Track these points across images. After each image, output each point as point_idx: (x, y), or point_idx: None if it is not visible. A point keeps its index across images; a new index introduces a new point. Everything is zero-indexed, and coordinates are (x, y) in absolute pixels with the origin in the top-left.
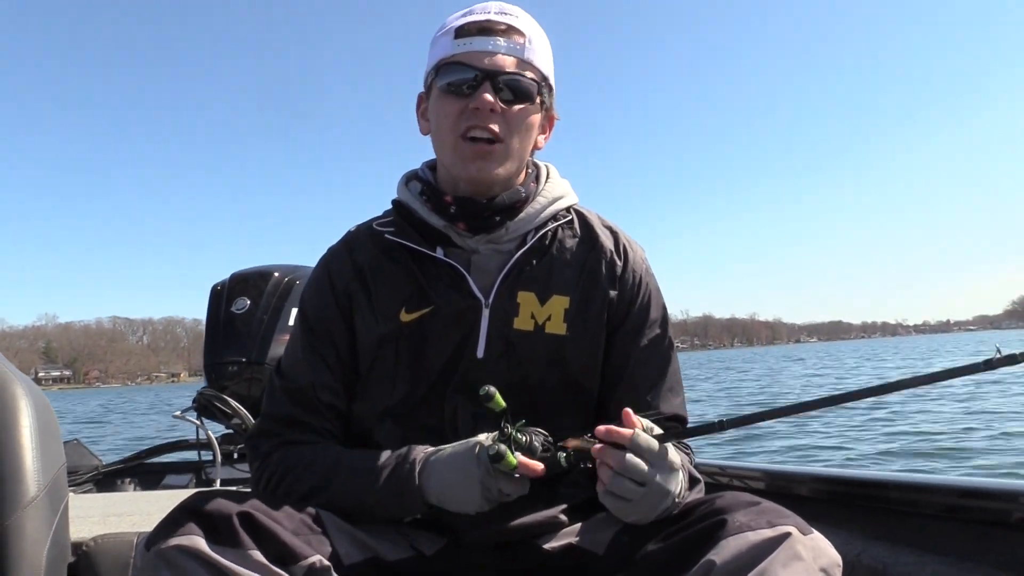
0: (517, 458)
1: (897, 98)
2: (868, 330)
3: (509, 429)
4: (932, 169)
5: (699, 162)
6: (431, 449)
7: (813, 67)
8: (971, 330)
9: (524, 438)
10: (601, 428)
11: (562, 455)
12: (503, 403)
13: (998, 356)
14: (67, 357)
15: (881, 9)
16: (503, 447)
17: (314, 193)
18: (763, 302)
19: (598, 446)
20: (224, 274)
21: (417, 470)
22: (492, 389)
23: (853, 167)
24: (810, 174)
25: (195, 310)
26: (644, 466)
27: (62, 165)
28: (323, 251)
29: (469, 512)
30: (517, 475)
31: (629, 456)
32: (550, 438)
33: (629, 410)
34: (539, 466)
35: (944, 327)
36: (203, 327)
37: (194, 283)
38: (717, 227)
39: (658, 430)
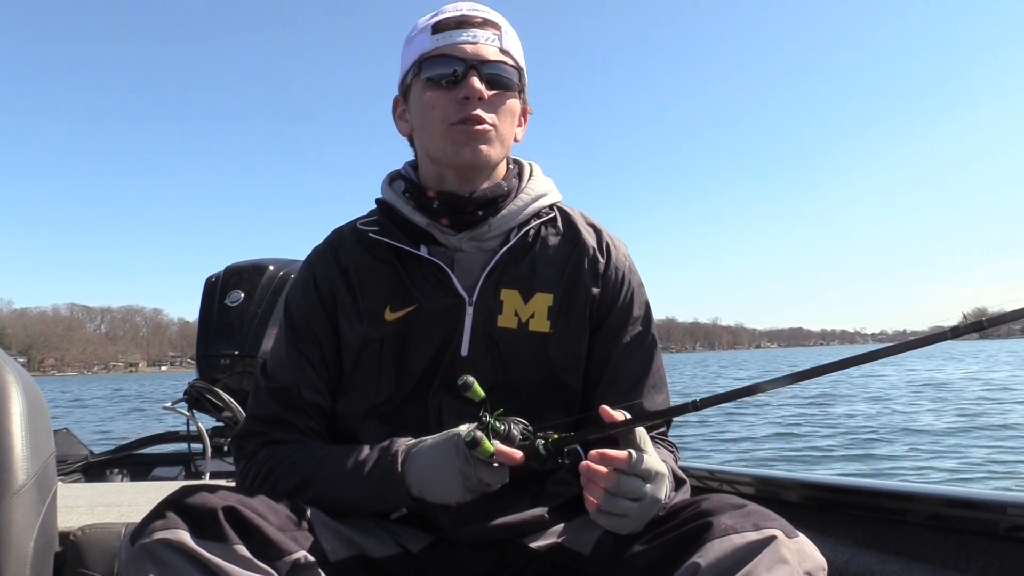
0: (495, 446)
1: (863, 105)
2: (827, 337)
3: (487, 417)
4: (893, 182)
5: (662, 165)
6: (413, 441)
7: (779, 73)
8: None
9: (503, 426)
10: (595, 453)
11: (540, 443)
12: (482, 393)
13: (964, 323)
14: (22, 344)
15: (848, 22)
16: (479, 433)
17: (290, 188)
18: (725, 307)
19: (589, 464)
20: (188, 265)
21: (399, 460)
22: (470, 379)
23: (816, 175)
24: (774, 180)
25: (155, 299)
26: (640, 484)
27: (22, 145)
28: (300, 247)
29: (450, 502)
30: (496, 464)
31: (623, 477)
32: (530, 427)
33: (607, 407)
34: (517, 454)
35: (900, 336)
36: (163, 317)
37: (155, 272)
38: (681, 231)
39: (644, 434)
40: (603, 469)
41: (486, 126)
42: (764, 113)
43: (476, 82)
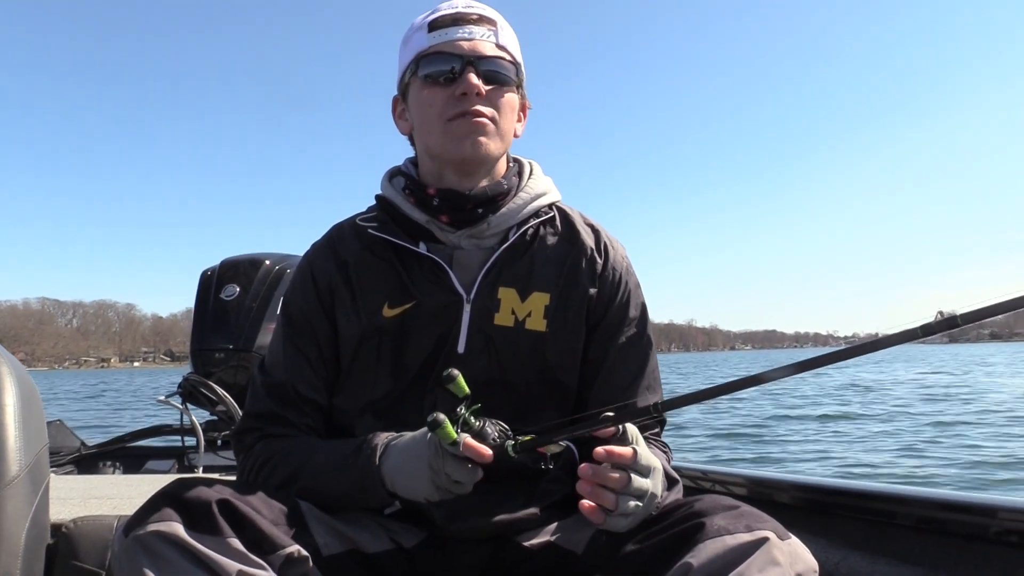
0: (463, 439)
1: (842, 112)
2: (800, 340)
3: (462, 411)
4: (869, 189)
5: (642, 166)
6: (394, 435)
7: (760, 79)
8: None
9: (477, 422)
10: (600, 450)
11: (510, 443)
12: (466, 388)
13: (938, 319)
14: None
15: (829, 31)
16: (442, 416)
17: (277, 185)
18: (701, 308)
19: (591, 467)
20: (164, 260)
21: (378, 455)
22: (455, 372)
23: (793, 181)
24: (753, 185)
25: (129, 294)
26: (647, 482)
27: None
28: (282, 246)
29: (419, 499)
30: (469, 465)
31: (634, 476)
32: (509, 431)
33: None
34: (486, 451)
35: (872, 339)
36: (136, 312)
37: (129, 267)
38: (657, 232)
39: (636, 431)
40: (615, 475)
41: (484, 119)
42: (744, 119)
43: (473, 78)
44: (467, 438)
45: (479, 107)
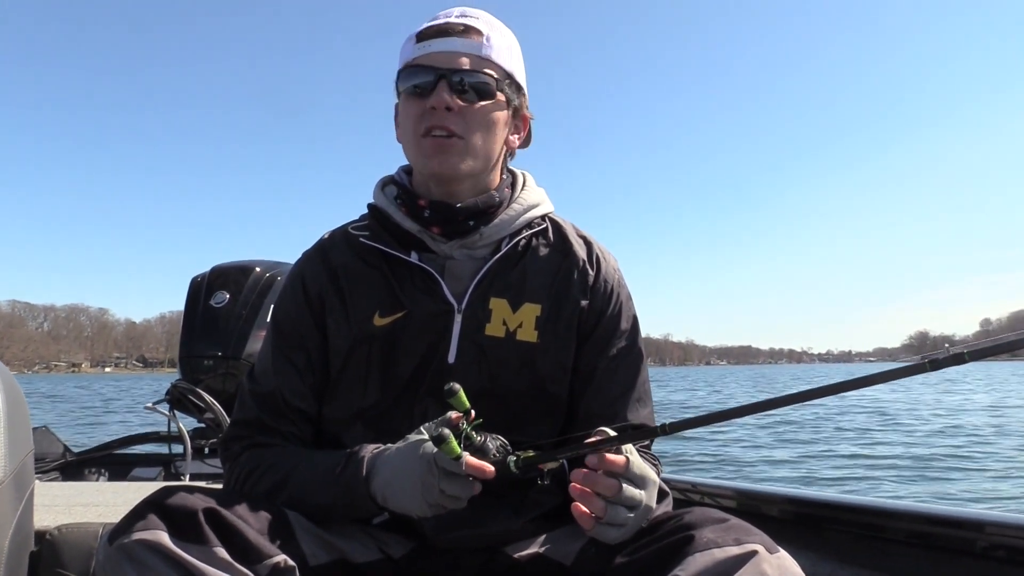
0: (465, 456)
1: (817, 132)
2: (775, 356)
3: (464, 425)
4: (844, 208)
5: (622, 180)
6: (381, 447)
7: (742, 100)
8: (871, 361)
9: (478, 437)
10: (592, 458)
11: (512, 459)
12: (466, 403)
13: (945, 355)
14: None
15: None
16: (446, 431)
17: (260, 189)
18: (677, 323)
19: (582, 472)
20: (138, 265)
21: (364, 469)
22: (456, 386)
23: (771, 200)
24: (729, 200)
25: (102, 299)
26: (639, 492)
27: None
28: (255, 250)
29: (412, 514)
30: (469, 479)
31: (625, 485)
32: (508, 446)
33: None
34: (489, 468)
35: (846, 357)
36: (109, 317)
37: (103, 270)
38: (636, 247)
39: (632, 451)
40: (610, 481)
41: (454, 139)
42: (725, 134)
43: (444, 92)
44: (467, 455)
45: (448, 123)
